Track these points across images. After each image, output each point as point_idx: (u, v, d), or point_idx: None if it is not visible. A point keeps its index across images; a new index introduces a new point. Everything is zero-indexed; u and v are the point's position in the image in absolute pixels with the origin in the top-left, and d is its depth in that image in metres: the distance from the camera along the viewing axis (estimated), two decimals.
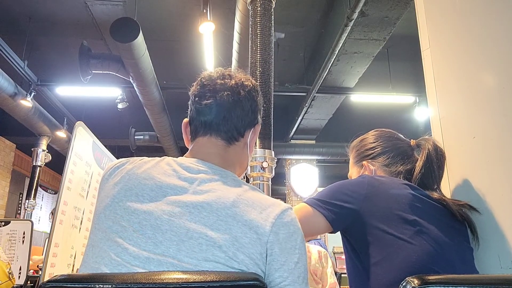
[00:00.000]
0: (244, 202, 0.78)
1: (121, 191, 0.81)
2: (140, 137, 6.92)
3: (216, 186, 0.81)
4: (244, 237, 0.74)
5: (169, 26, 5.41)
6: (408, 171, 1.20)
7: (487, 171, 1.14)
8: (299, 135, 7.40)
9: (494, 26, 1.17)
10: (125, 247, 0.73)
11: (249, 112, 0.94)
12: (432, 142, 1.22)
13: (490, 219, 1.11)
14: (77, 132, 2.12)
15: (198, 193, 0.79)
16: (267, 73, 1.84)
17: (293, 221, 0.80)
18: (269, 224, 0.76)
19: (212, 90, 0.92)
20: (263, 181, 1.73)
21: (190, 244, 0.72)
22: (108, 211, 0.79)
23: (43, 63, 6.08)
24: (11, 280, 2.35)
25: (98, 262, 0.74)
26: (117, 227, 0.76)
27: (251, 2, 1.97)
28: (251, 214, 0.77)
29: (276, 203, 0.81)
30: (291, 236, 0.78)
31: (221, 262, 0.71)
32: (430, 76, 1.39)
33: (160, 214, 0.76)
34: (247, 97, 0.93)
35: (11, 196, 7.87)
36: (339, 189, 1.11)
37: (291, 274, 0.75)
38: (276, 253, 0.75)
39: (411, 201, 1.06)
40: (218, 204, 0.77)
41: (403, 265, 0.97)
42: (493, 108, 1.14)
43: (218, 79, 0.93)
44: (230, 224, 0.75)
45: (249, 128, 0.96)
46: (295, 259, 0.77)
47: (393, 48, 5.83)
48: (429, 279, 0.67)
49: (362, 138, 1.34)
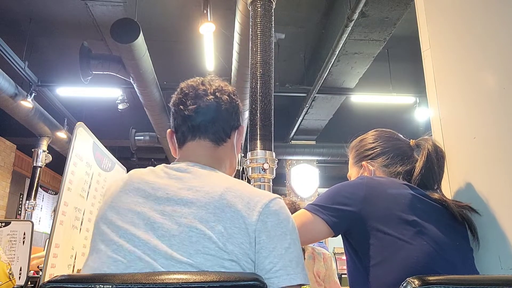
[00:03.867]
0: (231, 194, 0.81)
1: (116, 197, 0.85)
2: (140, 137, 6.92)
3: (204, 182, 0.84)
4: (232, 227, 0.76)
5: (170, 27, 5.41)
6: (408, 171, 1.20)
7: (488, 172, 1.14)
8: (300, 135, 7.40)
9: (495, 26, 1.17)
10: (120, 244, 0.77)
11: (232, 114, 0.98)
12: (432, 142, 1.21)
13: (490, 220, 1.11)
14: (77, 132, 2.12)
15: (187, 189, 0.83)
16: (268, 74, 1.84)
17: (281, 209, 0.82)
18: (256, 213, 0.78)
19: (195, 96, 0.95)
20: (264, 182, 1.73)
21: (181, 238, 0.75)
22: (105, 216, 0.84)
23: (43, 63, 6.09)
24: (12, 280, 2.35)
25: (96, 262, 0.78)
26: (113, 227, 0.80)
27: (251, 3, 1.97)
28: (238, 205, 0.79)
29: (264, 193, 0.83)
30: (280, 223, 0.80)
31: (212, 253, 0.74)
32: (430, 76, 1.39)
33: (152, 213, 0.80)
34: (229, 101, 0.98)
35: (12, 197, 7.87)
36: (338, 192, 1.11)
37: (282, 259, 0.76)
38: (264, 241, 0.77)
39: (410, 201, 1.06)
40: (207, 198, 0.80)
41: (404, 265, 0.97)
42: (493, 108, 1.14)
43: (199, 86, 0.98)
44: (218, 216, 0.77)
45: (234, 130, 1.00)
46: (286, 245, 0.78)
47: (394, 48, 5.83)
48: (429, 279, 0.67)
49: (361, 138, 1.34)
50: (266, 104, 1.79)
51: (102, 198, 2.72)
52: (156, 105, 5.73)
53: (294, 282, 0.76)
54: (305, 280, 0.78)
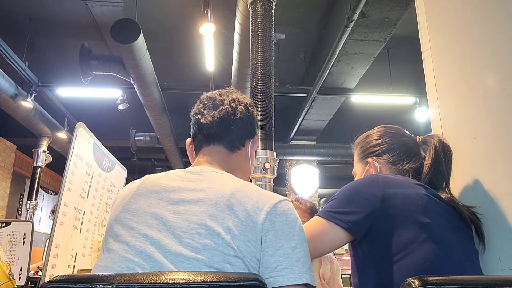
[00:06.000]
0: (241, 194, 0.83)
1: (131, 199, 0.88)
2: (140, 138, 6.92)
3: (215, 182, 0.87)
4: (240, 225, 0.78)
5: (170, 27, 5.41)
6: (415, 169, 1.18)
7: (488, 172, 1.14)
8: (300, 136, 7.40)
9: (495, 26, 1.17)
10: (133, 244, 0.79)
11: (247, 124, 1.02)
12: (438, 138, 1.19)
13: (491, 220, 1.11)
14: (77, 133, 2.12)
15: (199, 190, 0.85)
16: (268, 74, 1.84)
17: (289, 210, 0.83)
18: (264, 213, 0.80)
19: (212, 107, 1.01)
20: (266, 182, 1.73)
21: (190, 234, 0.77)
22: (119, 218, 0.86)
23: (43, 64, 6.09)
24: (12, 281, 2.35)
25: (108, 261, 0.80)
26: (127, 228, 0.83)
27: (251, 3, 1.97)
28: (247, 204, 0.81)
29: (273, 195, 0.85)
30: (288, 223, 0.81)
31: (219, 249, 0.75)
32: (430, 77, 1.39)
33: (166, 213, 0.82)
34: (244, 111, 1.02)
35: (12, 197, 7.87)
36: (354, 194, 1.06)
37: (288, 258, 0.77)
38: (271, 240, 0.78)
39: (425, 203, 1.03)
40: (217, 197, 0.82)
41: (415, 268, 0.95)
42: (494, 109, 1.14)
43: (217, 96, 1.03)
44: (227, 213, 0.79)
45: (249, 139, 1.04)
46: (293, 244, 0.78)
47: (394, 49, 5.83)
48: (429, 280, 0.67)
49: (367, 134, 1.30)
50: (267, 104, 1.79)
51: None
52: (156, 105, 5.73)
53: (299, 281, 0.75)
54: (312, 280, 0.78)
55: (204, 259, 0.74)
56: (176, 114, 6.94)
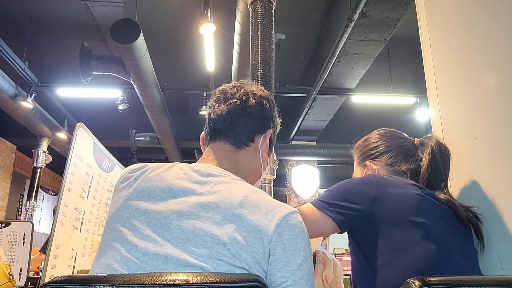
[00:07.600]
0: (250, 203, 0.80)
1: (134, 192, 0.85)
2: (140, 138, 6.92)
3: (224, 188, 0.84)
4: (247, 236, 0.75)
5: (170, 27, 5.41)
6: (413, 170, 1.19)
7: (488, 172, 1.14)
8: (300, 136, 7.40)
9: (495, 27, 1.16)
10: (135, 244, 0.77)
11: (257, 118, 0.98)
12: (436, 140, 1.20)
13: (491, 220, 1.11)
14: (77, 133, 2.12)
15: (206, 194, 0.82)
16: (268, 74, 1.84)
17: (298, 223, 0.81)
18: (273, 224, 0.77)
19: (222, 100, 0.98)
20: (265, 183, 1.73)
21: (196, 242, 0.75)
22: (121, 211, 0.83)
23: (43, 64, 6.09)
24: (12, 281, 2.35)
25: (109, 259, 0.77)
26: (128, 226, 0.80)
27: (251, 3, 1.97)
28: (256, 214, 0.78)
29: (283, 206, 0.82)
30: (296, 238, 0.78)
31: (224, 260, 0.73)
32: (431, 77, 1.39)
33: (169, 213, 0.79)
34: (255, 104, 0.97)
35: (12, 198, 7.87)
36: (348, 188, 1.09)
37: (293, 275, 0.75)
38: (279, 253, 0.76)
39: (419, 203, 1.04)
40: (225, 204, 0.79)
41: (411, 267, 0.96)
42: (494, 109, 1.14)
43: (229, 90, 0.99)
44: (235, 223, 0.77)
45: (259, 134, 0.99)
46: (299, 261, 0.77)
47: (394, 49, 5.83)
48: (430, 280, 0.67)
49: (365, 138, 1.33)
50: None
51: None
52: (156, 106, 5.73)
53: None
54: None
55: (209, 268, 0.72)
56: (176, 114, 6.94)
